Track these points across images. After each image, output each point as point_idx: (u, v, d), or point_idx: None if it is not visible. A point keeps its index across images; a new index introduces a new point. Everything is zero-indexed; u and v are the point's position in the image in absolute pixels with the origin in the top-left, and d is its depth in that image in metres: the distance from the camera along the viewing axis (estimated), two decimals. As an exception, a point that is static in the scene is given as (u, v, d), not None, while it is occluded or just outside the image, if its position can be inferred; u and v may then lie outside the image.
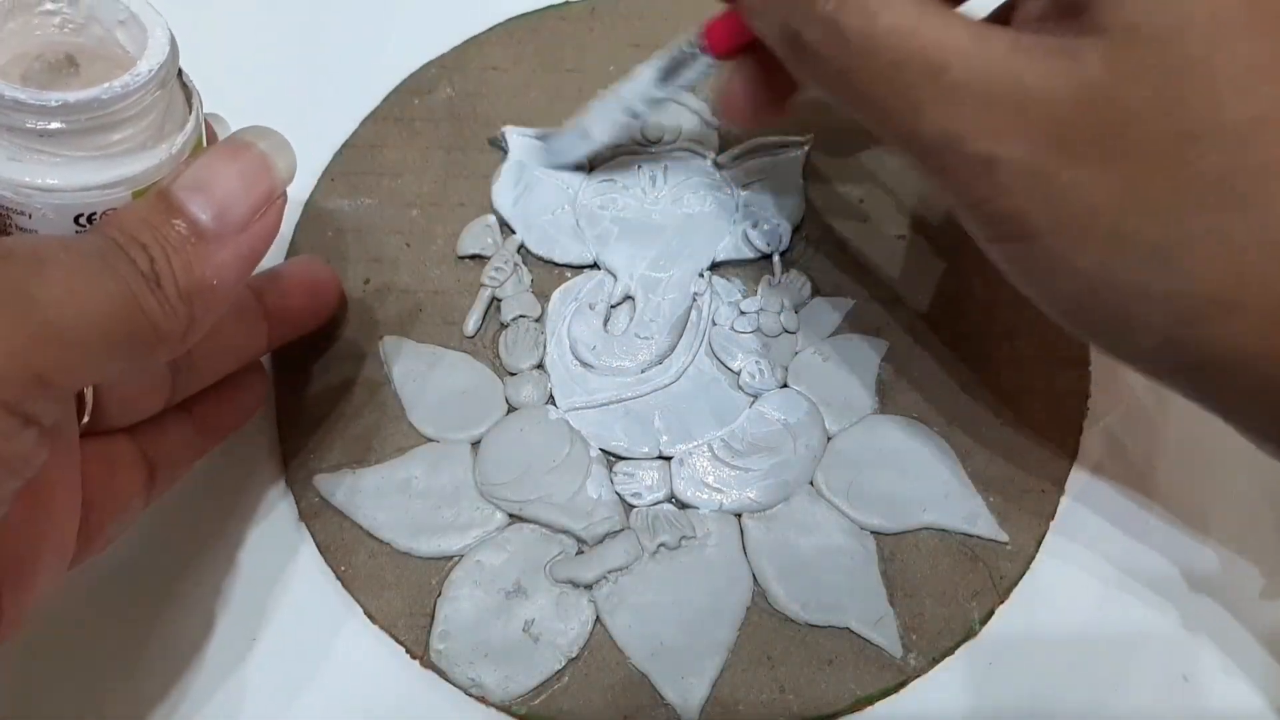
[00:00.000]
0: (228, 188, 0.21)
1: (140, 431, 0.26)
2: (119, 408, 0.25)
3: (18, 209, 0.20)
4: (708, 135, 0.34)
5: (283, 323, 0.29)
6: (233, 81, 0.25)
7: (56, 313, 0.18)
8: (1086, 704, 0.27)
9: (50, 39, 0.21)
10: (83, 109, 0.19)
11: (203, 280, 0.20)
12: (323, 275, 0.31)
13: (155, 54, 0.20)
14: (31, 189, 0.20)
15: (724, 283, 0.32)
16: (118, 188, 0.20)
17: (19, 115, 0.19)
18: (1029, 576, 0.28)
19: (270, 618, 0.28)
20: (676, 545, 0.29)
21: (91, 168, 0.20)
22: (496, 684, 0.27)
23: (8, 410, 0.17)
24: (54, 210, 0.20)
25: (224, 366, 0.28)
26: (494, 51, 0.36)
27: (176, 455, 0.27)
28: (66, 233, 0.20)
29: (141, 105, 0.20)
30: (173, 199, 0.20)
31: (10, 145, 0.20)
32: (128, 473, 0.25)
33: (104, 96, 0.19)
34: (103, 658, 0.28)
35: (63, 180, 0.20)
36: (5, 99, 0.19)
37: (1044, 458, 0.30)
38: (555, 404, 0.30)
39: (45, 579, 0.22)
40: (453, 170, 0.34)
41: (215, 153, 0.21)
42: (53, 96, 0.19)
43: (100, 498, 0.24)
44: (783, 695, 0.27)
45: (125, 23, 0.21)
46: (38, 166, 0.20)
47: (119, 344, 0.19)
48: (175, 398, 0.26)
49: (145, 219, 0.20)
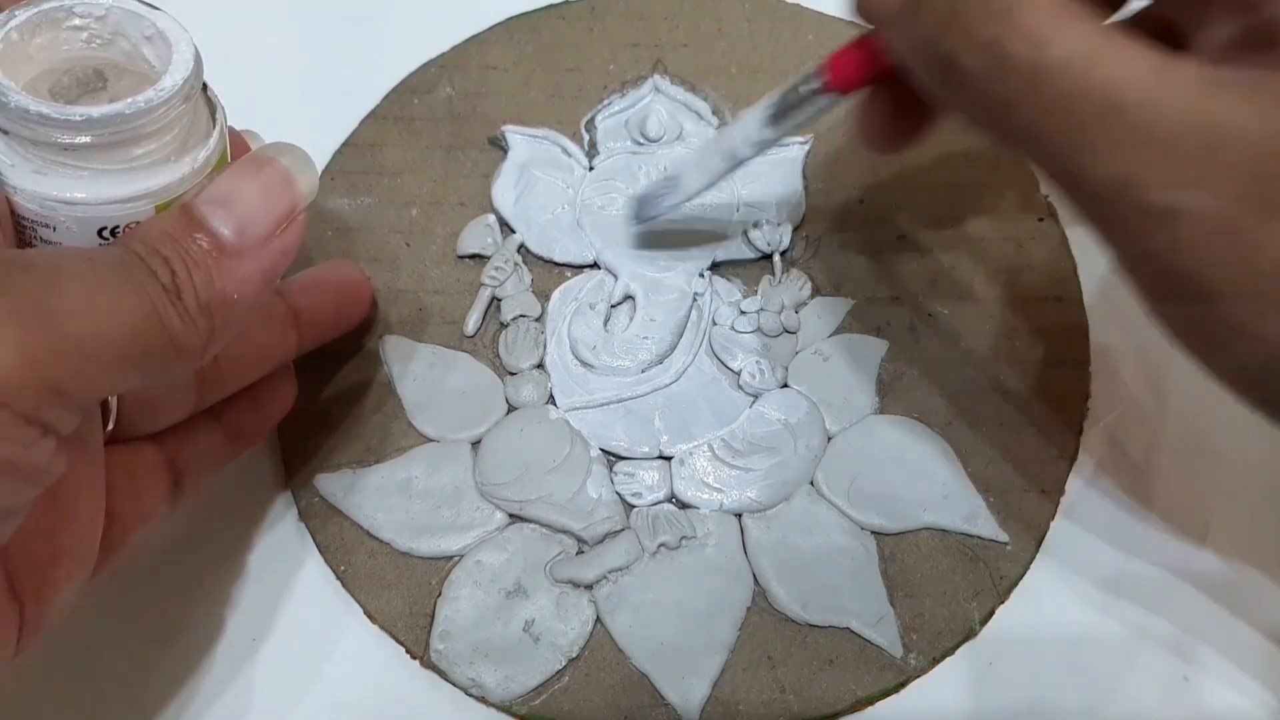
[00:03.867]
0: (250, 203, 0.21)
1: (166, 438, 0.26)
2: (144, 415, 0.25)
3: (43, 221, 0.20)
4: (708, 135, 0.34)
5: (314, 326, 0.29)
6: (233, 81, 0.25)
7: (75, 324, 0.18)
8: (1086, 704, 0.27)
9: (78, 54, 0.21)
10: (107, 124, 0.19)
11: (223, 294, 0.20)
12: (354, 278, 0.31)
13: (180, 69, 0.20)
14: (56, 202, 0.20)
15: (724, 283, 0.32)
16: (141, 201, 0.20)
17: (45, 129, 0.19)
18: (1029, 576, 0.29)
19: (270, 618, 0.28)
20: (677, 545, 0.29)
21: (115, 181, 0.20)
22: (496, 684, 0.27)
23: (25, 420, 0.17)
24: (78, 223, 0.20)
25: (252, 372, 0.28)
26: (494, 51, 0.36)
27: (203, 461, 0.27)
28: (90, 245, 0.20)
29: (166, 120, 0.20)
30: (195, 213, 0.20)
31: (36, 159, 0.20)
32: (152, 481, 0.25)
33: (128, 111, 0.20)
34: (103, 658, 0.28)
35: (87, 194, 0.20)
36: (31, 113, 0.19)
37: (1044, 458, 0.30)
38: (555, 404, 0.30)
39: (67, 588, 0.22)
40: (453, 170, 0.34)
41: (238, 168, 0.21)
42: (77, 111, 0.19)
43: (124, 507, 0.24)
44: (783, 695, 0.27)
45: (151, 38, 0.21)
46: (63, 180, 0.20)
47: (138, 356, 0.19)
48: (202, 404, 0.26)
49: (167, 233, 0.20)
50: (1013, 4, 0.19)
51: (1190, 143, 0.18)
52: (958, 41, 0.20)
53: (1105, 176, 0.19)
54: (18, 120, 0.19)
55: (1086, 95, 0.19)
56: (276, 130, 0.26)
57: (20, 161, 0.20)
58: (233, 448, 0.28)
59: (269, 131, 0.26)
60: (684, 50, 0.36)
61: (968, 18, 0.20)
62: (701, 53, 0.35)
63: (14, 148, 0.20)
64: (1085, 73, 0.19)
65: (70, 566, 0.22)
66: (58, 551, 0.22)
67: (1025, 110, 0.19)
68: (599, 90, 0.35)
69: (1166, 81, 0.18)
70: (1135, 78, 0.18)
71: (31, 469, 0.18)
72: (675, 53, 0.35)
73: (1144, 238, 0.19)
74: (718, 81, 0.35)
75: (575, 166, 0.34)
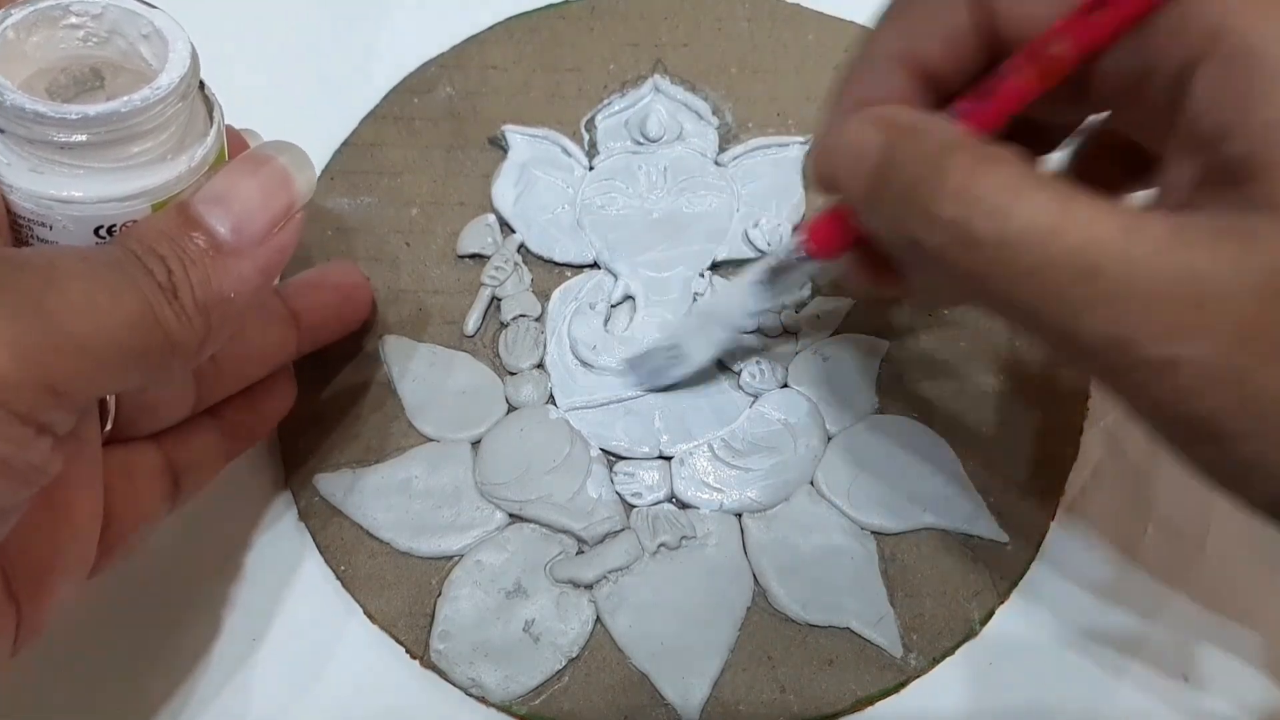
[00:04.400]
0: (247, 201, 0.21)
1: (165, 439, 0.26)
2: (143, 415, 0.25)
3: (39, 220, 0.20)
4: (708, 135, 0.34)
5: (314, 328, 0.29)
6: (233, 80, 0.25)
7: (72, 322, 0.18)
8: (1086, 704, 0.27)
9: (75, 52, 0.21)
10: (103, 122, 0.19)
11: (220, 293, 0.20)
12: (355, 280, 0.31)
13: (176, 67, 0.20)
14: (53, 201, 0.20)
15: (724, 283, 0.32)
16: (137, 200, 0.20)
17: (41, 128, 0.19)
18: (1029, 576, 0.29)
19: (270, 618, 0.28)
20: (677, 545, 0.29)
21: (111, 180, 0.20)
22: (496, 684, 0.27)
23: (21, 419, 0.17)
24: (74, 222, 0.20)
25: (251, 372, 0.28)
26: (494, 51, 0.36)
27: (202, 462, 0.27)
28: (86, 244, 0.20)
29: (162, 118, 0.20)
30: (192, 212, 0.20)
31: (32, 157, 0.20)
32: (151, 481, 0.25)
33: (124, 110, 0.20)
34: (103, 658, 0.28)
35: (84, 192, 0.20)
36: (27, 112, 0.19)
37: (1044, 458, 0.30)
38: (555, 404, 0.30)
39: (65, 588, 0.22)
40: (453, 169, 0.34)
41: (235, 166, 0.21)
42: (73, 110, 0.19)
43: (122, 506, 0.24)
44: (783, 695, 0.27)
45: (148, 36, 0.21)
46: (59, 179, 0.20)
47: (134, 355, 0.19)
48: (201, 404, 0.26)
49: (164, 231, 0.20)
50: (969, 182, 0.19)
51: (1176, 294, 0.18)
52: (920, 222, 0.20)
53: (1098, 335, 0.19)
54: (14, 119, 0.19)
55: (1057, 262, 0.19)
56: (276, 129, 0.26)
57: (16, 160, 0.20)
58: (232, 448, 0.28)
59: (269, 130, 0.25)
60: (684, 50, 0.36)
61: (926, 198, 0.20)
62: (701, 53, 0.35)
63: (10, 146, 0.20)
64: (1052, 241, 0.19)
65: (68, 566, 0.22)
66: (55, 551, 0.22)
67: (1000, 281, 0.19)
68: (599, 90, 0.35)
69: (1137, 240, 0.18)
70: (1106, 238, 0.18)
71: (27, 468, 0.18)
72: (675, 53, 0.35)
73: (1149, 389, 0.19)
74: (718, 81, 0.35)
75: (575, 166, 0.34)
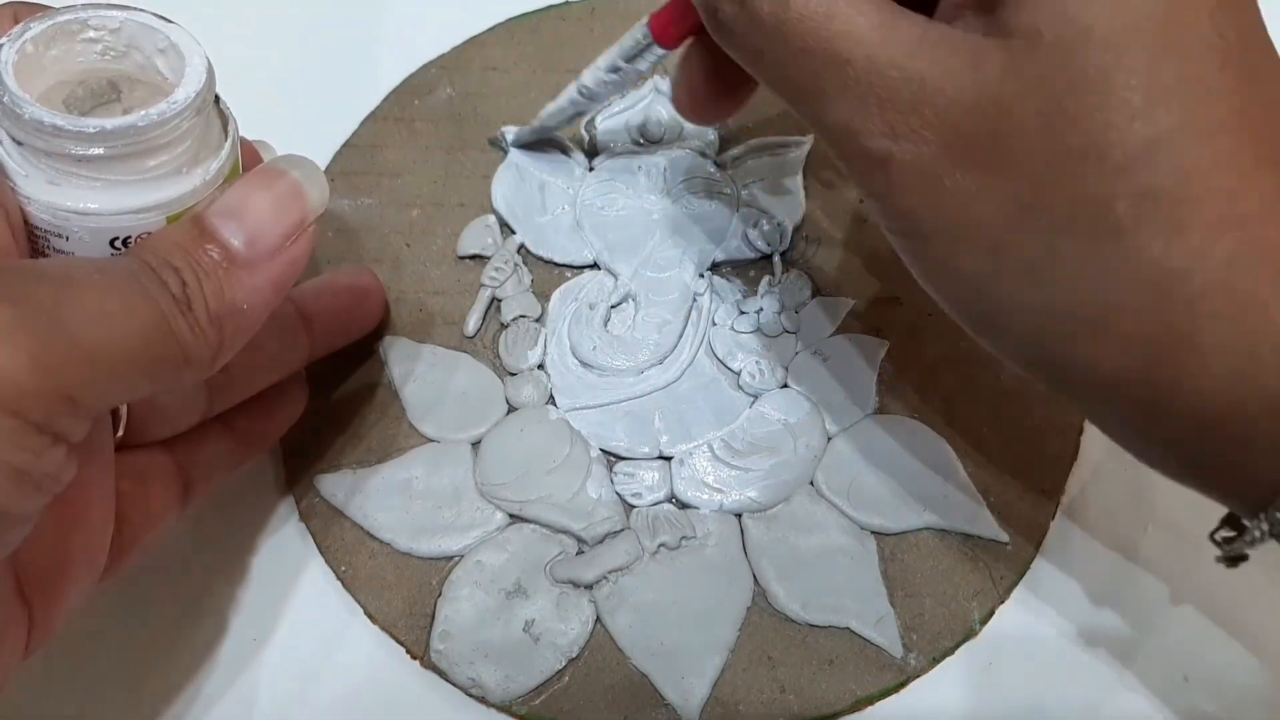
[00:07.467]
0: (260, 214, 0.21)
1: (177, 445, 0.26)
2: (155, 421, 0.25)
3: (55, 231, 0.20)
4: (708, 135, 0.34)
5: (327, 332, 0.29)
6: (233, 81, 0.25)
7: (86, 333, 0.18)
8: (1086, 704, 0.27)
9: (92, 66, 0.22)
10: (120, 135, 0.20)
11: (233, 304, 0.20)
12: (367, 283, 0.31)
13: (193, 82, 0.21)
14: (69, 212, 0.20)
15: (724, 283, 0.32)
16: (153, 212, 0.21)
17: (59, 141, 0.19)
18: (1029, 576, 0.28)
19: (271, 618, 0.28)
20: (677, 545, 0.29)
21: (127, 192, 0.20)
22: (496, 684, 0.27)
23: (36, 428, 0.17)
24: (90, 233, 0.20)
25: (263, 379, 0.28)
26: (494, 51, 0.36)
27: (214, 468, 0.27)
28: (102, 255, 0.21)
29: (178, 132, 0.20)
30: (206, 224, 0.21)
31: (49, 170, 0.20)
32: (162, 487, 0.25)
33: (141, 123, 0.20)
34: (106, 658, 0.28)
35: (100, 205, 0.20)
36: (45, 125, 0.19)
37: (1044, 458, 0.30)
38: (555, 404, 0.30)
39: (76, 592, 0.22)
40: (453, 170, 0.34)
41: (249, 180, 0.22)
42: (91, 123, 0.19)
43: (134, 512, 0.24)
44: (783, 695, 0.27)
45: (165, 50, 0.21)
46: (75, 191, 0.20)
47: (148, 365, 0.19)
48: (213, 410, 0.27)
49: (178, 243, 0.20)
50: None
51: (903, 97, 0.20)
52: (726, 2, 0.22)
53: (835, 122, 0.21)
54: (32, 131, 0.19)
55: (818, 50, 0.21)
56: (277, 130, 0.26)
57: (34, 172, 0.20)
58: (243, 454, 0.28)
59: (269, 131, 0.26)
60: (684, 50, 0.35)
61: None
62: (701, 53, 0.35)
63: (28, 158, 0.20)
64: (819, 28, 0.21)
65: (80, 571, 0.22)
66: (68, 556, 0.22)
67: (773, 60, 0.22)
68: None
69: (886, 39, 0.20)
70: (860, 34, 0.21)
71: (42, 477, 0.18)
72: (675, 53, 0.35)
73: (869, 179, 0.22)
74: (718, 81, 0.35)
75: (575, 167, 0.34)
